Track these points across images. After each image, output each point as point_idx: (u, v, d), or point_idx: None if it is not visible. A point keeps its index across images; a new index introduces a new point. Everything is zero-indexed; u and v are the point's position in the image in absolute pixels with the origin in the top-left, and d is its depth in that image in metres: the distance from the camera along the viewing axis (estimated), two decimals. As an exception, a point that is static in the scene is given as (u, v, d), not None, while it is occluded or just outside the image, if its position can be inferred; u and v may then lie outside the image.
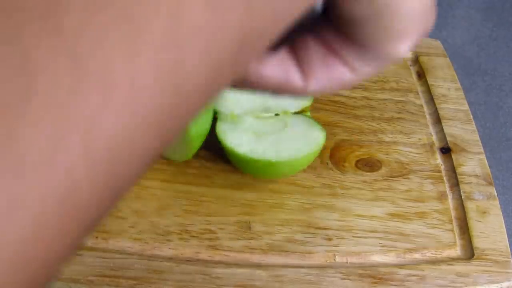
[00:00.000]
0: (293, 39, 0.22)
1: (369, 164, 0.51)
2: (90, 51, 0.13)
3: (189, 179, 0.48)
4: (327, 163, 0.51)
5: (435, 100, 0.57)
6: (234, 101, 0.48)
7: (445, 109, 0.57)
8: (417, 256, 0.46)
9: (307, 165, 0.48)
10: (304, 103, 0.49)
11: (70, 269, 0.41)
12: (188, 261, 0.43)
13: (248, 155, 0.45)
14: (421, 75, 0.60)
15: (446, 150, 0.54)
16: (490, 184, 0.51)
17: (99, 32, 0.14)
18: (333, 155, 0.51)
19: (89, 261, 0.42)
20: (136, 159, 0.15)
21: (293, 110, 0.48)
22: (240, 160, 0.46)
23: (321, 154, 0.50)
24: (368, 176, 0.51)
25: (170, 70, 0.15)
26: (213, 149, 0.50)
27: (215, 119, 0.48)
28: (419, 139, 0.54)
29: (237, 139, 0.46)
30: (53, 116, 0.13)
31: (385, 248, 0.46)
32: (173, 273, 0.42)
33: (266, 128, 0.47)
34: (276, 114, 0.48)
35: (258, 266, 0.44)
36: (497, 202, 0.50)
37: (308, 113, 0.49)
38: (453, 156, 0.53)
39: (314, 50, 0.21)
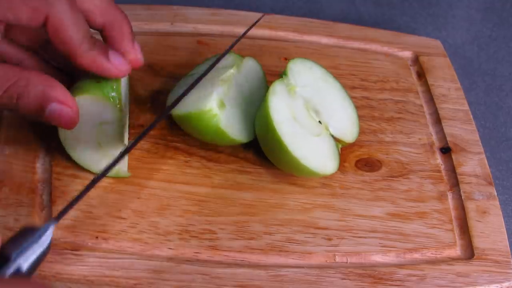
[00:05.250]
0: None
1: (369, 164, 0.51)
2: None
3: (189, 179, 0.48)
4: (327, 163, 0.51)
5: (435, 100, 0.57)
6: (300, 83, 0.49)
7: (445, 109, 0.57)
8: (417, 256, 0.46)
9: (302, 175, 0.49)
10: (347, 138, 0.50)
11: (70, 269, 0.41)
12: (188, 261, 0.43)
13: (275, 123, 0.45)
14: (421, 75, 0.60)
15: (446, 150, 0.54)
16: (490, 184, 0.51)
17: None
18: (333, 155, 0.51)
19: (89, 261, 0.42)
20: None
21: (333, 132, 0.49)
22: (265, 123, 0.46)
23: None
24: (368, 176, 0.51)
25: None
26: (214, 149, 0.50)
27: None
28: (419, 139, 0.54)
29: (279, 106, 0.46)
30: None
31: (385, 248, 0.46)
32: (173, 273, 0.42)
33: (306, 122, 0.48)
34: (319, 122, 0.49)
35: (258, 266, 0.44)
36: (497, 202, 0.50)
37: (340, 146, 0.50)
38: (453, 156, 0.53)
39: None
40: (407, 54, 0.62)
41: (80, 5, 0.44)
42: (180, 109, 0.47)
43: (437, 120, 0.56)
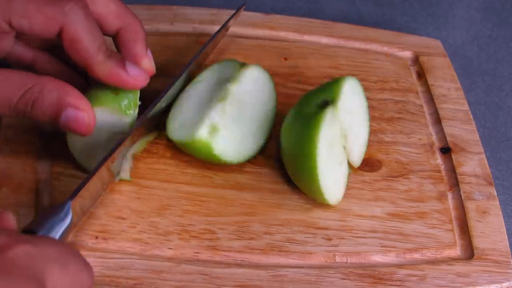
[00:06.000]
0: None
1: (369, 164, 0.51)
2: None
3: (189, 179, 0.48)
4: (327, 163, 0.51)
5: (435, 100, 0.57)
6: (343, 107, 0.47)
7: (445, 109, 0.57)
8: (417, 256, 0.46)
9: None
10: (355, 163, 0.49)
11: (70, 269, 0.41)
12: (188, 261, 0.43)
13: (317, 152, 0.44)
14: (421, 75, 0.60)
15: (446, 150, 0.54)
16: (490, 184, 0.51)
17: None
18: (333, 155, 0.51)
19: (89, 261, 0.42)
20: None
21: (352, 161, 0.48)
22: (304, 146, 0.45)
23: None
24: (368, 176, 0.51)
25: None
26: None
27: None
28: (419, 139, 0.54)
29: (327, 135, 0.44)
30: None
31: (385, 248, 0.46)
32: (173, 273, 0.42)
33: (337, 150, 0.46)
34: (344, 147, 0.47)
35: (258, 266, 0.44)
36: (497, 202, 0.50)
37: (351, 171, 0.49)
38: (453, 156, 0.53)
39: None
40: (407, 54, 0.62)
41: (95, 10, 0.43)
42: (175, 135, 0.47)
43: (437, 120, 0.56)
